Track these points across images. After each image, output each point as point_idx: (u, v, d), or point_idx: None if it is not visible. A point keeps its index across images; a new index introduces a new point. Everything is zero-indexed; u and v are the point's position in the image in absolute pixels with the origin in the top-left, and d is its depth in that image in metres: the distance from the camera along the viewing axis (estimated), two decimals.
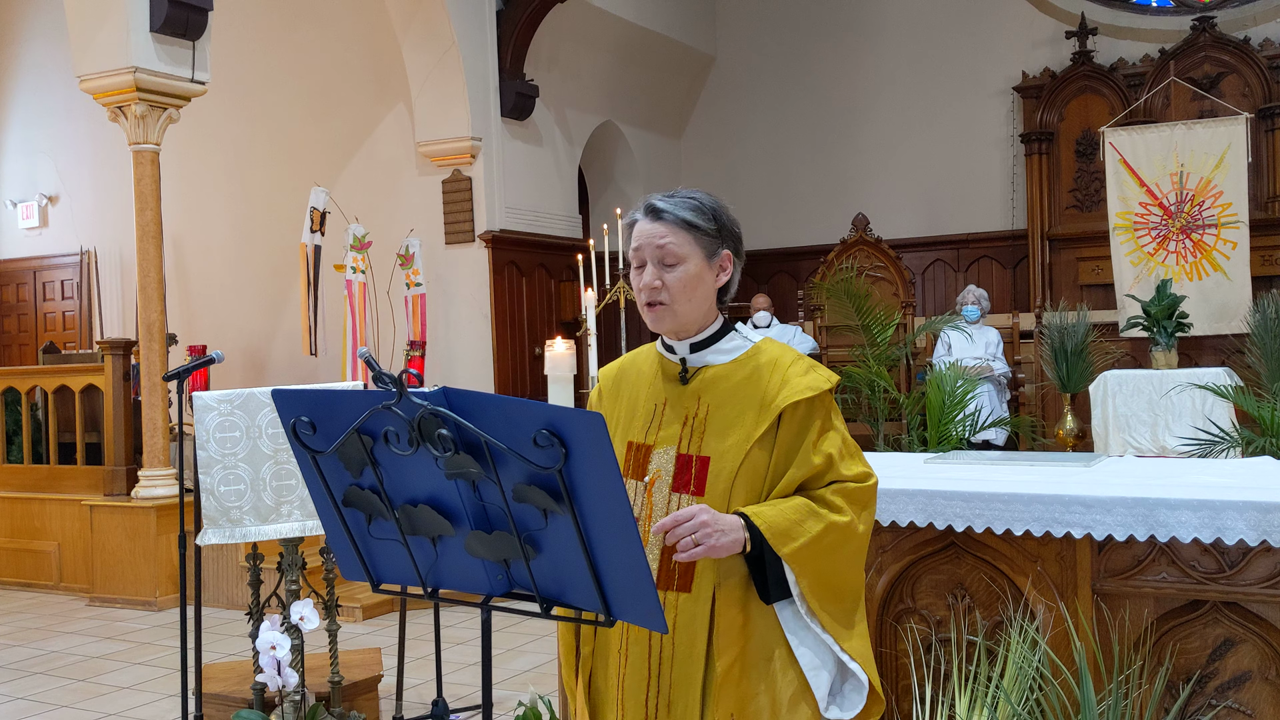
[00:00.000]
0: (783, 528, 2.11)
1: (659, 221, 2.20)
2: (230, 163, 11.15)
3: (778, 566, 2.13)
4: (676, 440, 2.22)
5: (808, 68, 12.36)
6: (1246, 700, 2.86)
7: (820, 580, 2.15)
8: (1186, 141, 9.61)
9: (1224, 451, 5.43)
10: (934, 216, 11.87)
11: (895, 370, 9.30)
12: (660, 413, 2.26)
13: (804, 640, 2.19)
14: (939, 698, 2.89)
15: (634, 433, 2.28)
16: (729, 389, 2.22)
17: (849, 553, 2.18)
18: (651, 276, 2.19)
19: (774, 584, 2.14)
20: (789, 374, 2.19)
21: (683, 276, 2.18)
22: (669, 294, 2.19)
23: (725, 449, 2.17)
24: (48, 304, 12.81)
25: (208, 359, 4.53)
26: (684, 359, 2.26)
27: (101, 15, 7.46)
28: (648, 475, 2.23)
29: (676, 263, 2.18)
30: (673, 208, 2.20)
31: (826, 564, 2.15)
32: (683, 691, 2.17)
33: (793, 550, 2.11)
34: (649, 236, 2.20)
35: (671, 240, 2.18)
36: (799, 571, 2.13)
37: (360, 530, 1.97)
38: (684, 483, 2.19)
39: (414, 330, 9.19)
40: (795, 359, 2.23)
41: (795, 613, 2.18)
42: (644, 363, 2.36)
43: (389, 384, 1.74)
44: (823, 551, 2.14)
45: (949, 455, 3.82)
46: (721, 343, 2.25)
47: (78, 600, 7.95)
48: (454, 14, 9.47)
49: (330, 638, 4.58)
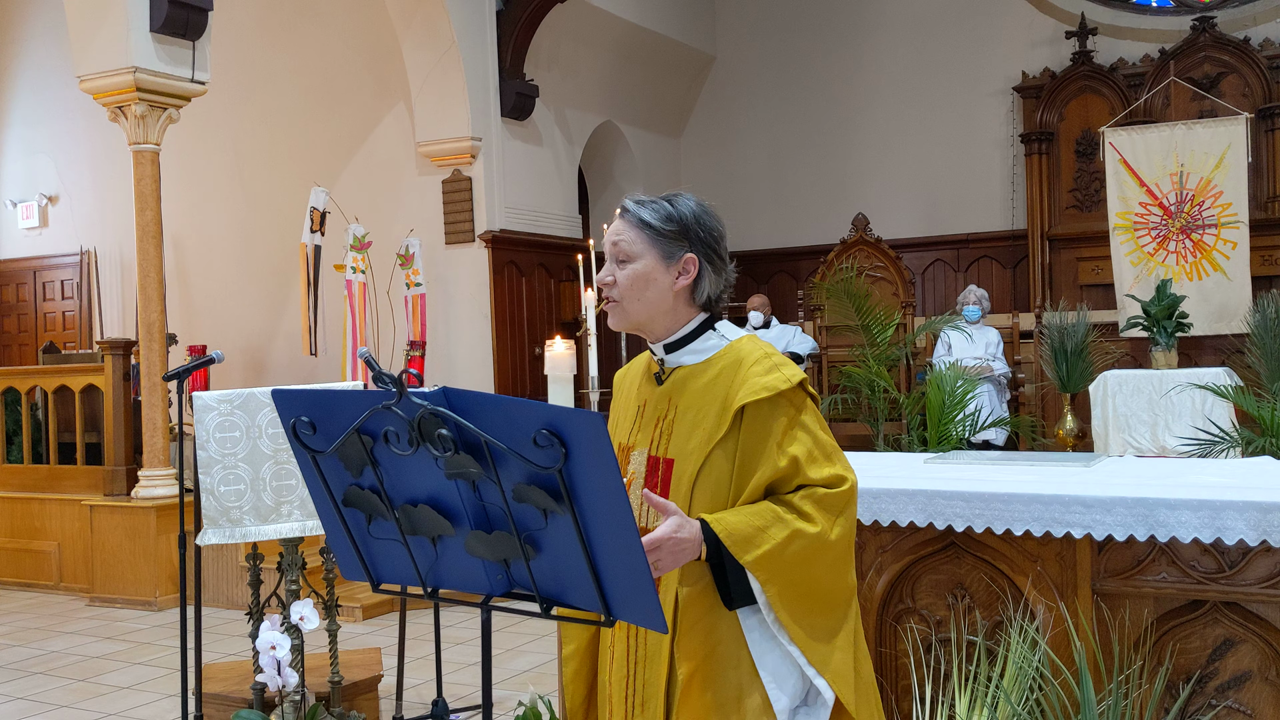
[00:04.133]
0: (745, 534, 2.07)
1: (621, 220, 2.25)
2: (230, 162, 11.14)
3: (739, 573, 2.09)
4: (649, 442, 2.24)
5: (807, 68, 12.36)
6: (1246, 700, 2.86)
7: (794, 590, 2.10)
8: (1186, 141, 9.61)
9: (1224, 451, 5.42)
10: (934, 216, 11.87)
11: (895, 370, 9.29)
12: (640, 414, 2.29)
13: (767, 651, 2.14)
14: (939, 698, 2.89)
15: (621, 434, 2.32)
16: (696, 390, 2.21)
17: (827, 562, 2.12)
18: (605, 272, 2.24)
19: (736, 591, 2.11)
20: (749, 373, 2.16)
21: (630, 274, 2.21)
22: (618, 290, 2.22)
23: (687, 451, 2.17)
24: (48, 304, 12.80)
25: (208, 359, 4.53)
26: (661, 360, 2.28)
27: (101, 15, 7.46)
28: (626, 476, 2.24)
29: (627, 260, 2.21)
30: (635, 208, 2.23)
31: (800, 574, 2.10)
32: (653, 692, 2.19)
33: (756, 557, 2.07)
34: (610, 234, 2.26)
35: (624, 239, 2.22)
36: (765, 579, 2.08)
37: (360, 530, 1.97)
38: (652, 485, 2.20)
39: (414, 330, 9.18)
40: (760, 358, 2.18)
41: (760, 621, 2.14)
42: (641, 364, 2.39)
43: (389, 384, 1.74)
44: (793, 560, 2.09)
45: (949, 455, 3.82)
46: (696, 343, 2.25)
47: (78, 600, 7.94)
48: (454, 14, 9.47)
49: (330, 638, 4.58)
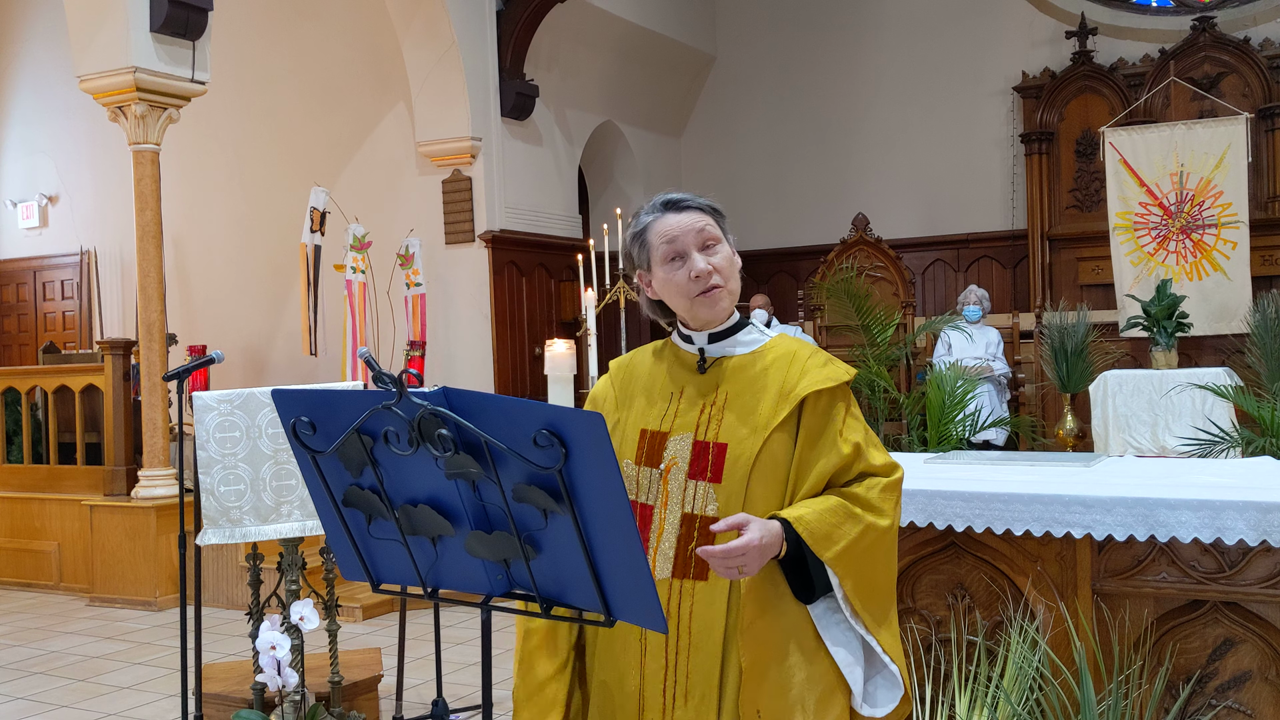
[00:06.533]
0: (823, 531, 2.11)
1: (688, 211, 2.22)
2: (230, 162, 11.14)
3: (820, 569, 2.13)
4: (693, 427, 2.22)
5: (807, 67, 12.36)
6: (1246, 700, 2.86)
7: (863, 581, 2.16)
8: (1186, 141, 9.61)
9: (1224, 451, 5.43)
10: (934, 216, 11.87)
11: (895, 370, 9.29)
12: (676, 400, 2.27)
13: (837, 638, 2.19)
14: (939, 698, 2.89)
15: (649, 420, 2.27)
16: (748, 379, 2.23)
17: (884, 550, 2.19)
18: (703, 262, 2.19)
19: (819, 585, 2.15)
20: (808, 365, 2.22)
21: (725, 258, 2.22)
22: (721, 275, 2.21)
23: (744, 435, 2.18)
24: (48, 304, 12.80)
25: (208, 359, 4.53)
26: (702, 349, 2.27)
27: (101, 15, 7.46)
28: (663, 462, 2.22)
29: (717, 243, 2.21)
30: (696, 199, 2.24)
31: (867, 565, 2.16)
32: (700, 680, 2.16)
33: (835, 554, 2.12)
34: (686, 226, 2.21)
35: (708, 223, 2.22)
36: (843, 575, 2.13)
37: (360, 530, 1.96)
38: (700, 469, 2.19)
39: (414, 330, 9.18)
40: (813, 352, 2.27)
41: (829, 609, 2.19)
42: (655, 355, 2.36)
43: (389, 384, 1.74)
44: (862, 553, 2.15)
45: (949, 455, 3.82)
46: (739, 335, 2.27)
47: (78, 600, 7.94)
48: (454, 13, 9.47)
49: (330, 638, 4.58)
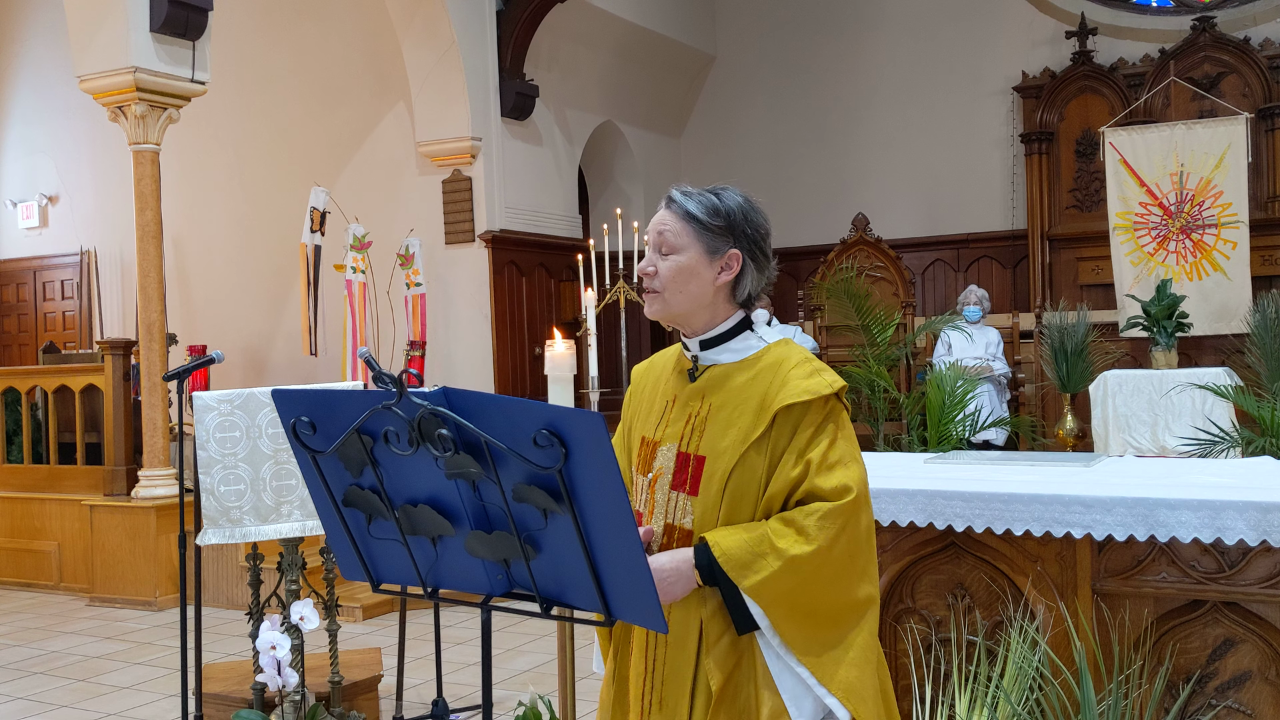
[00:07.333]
0: (741, 559, 2.04)
1: (667, 210, 2.23)
2: (230, 162, 11.14)
3: (739, 599, 2.06)
4: (679, 437, 2.21)
5: (807, 67, 12.36)
6: (1246, 700, 2.86)
7: (797, 611, 2.06)
8: (1186, 141, 9.61)
9: (1224, 451, 5.43)
10: (934, 216, 11.87)
11: (895, 370, 9.30)
12: (669, 409, 2.26)
13: (781, 671, 2.10)
14: (939, 698, 2.89)
15: (647, 428, 2.29)
16: (733, 389, 2.18)
17: (826, 578, 2.06)
18: (647, 261, 2.23)
19: (737, 615, 2.08)
20: (790, 376, 2.14)
21: (674, 266, 2.19)
22: (660, 280, 2.20)
23: (721, 449, 2.14)
24: (48, 304, 12.80)
25: (208, 359, 4.53)
26: (695, 356, 2.26)
27: (101, 15, 7.46)
28: (651, 471, 2.23)
29: (671, 251, 2.20)
30: (682, 200, 2.22)
31: (801, 595, 2.05)
32: (673, 689, 2.17)
33: (755, 584, 2.04)
34: (655, 223, 2.24)
35: (670, 229, 2.20)
36: (765, 605, 2.04)
37: (360, 530, 1.96)
38: (681, 481, 2.18)
39: (414, 330, 9.18)
40: (801, 361, 2.17)
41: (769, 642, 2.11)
42: (668, 359, 2.36)
43: (389, 384, 1.74)
44: (794, 585, 2.04)
45: (949, 455, 3.81)
46: (733, 341, 2.23)
47: (78, 600, 7.94)
48: (454, 13, 9.47)
49: (330, 638, 4.58)
